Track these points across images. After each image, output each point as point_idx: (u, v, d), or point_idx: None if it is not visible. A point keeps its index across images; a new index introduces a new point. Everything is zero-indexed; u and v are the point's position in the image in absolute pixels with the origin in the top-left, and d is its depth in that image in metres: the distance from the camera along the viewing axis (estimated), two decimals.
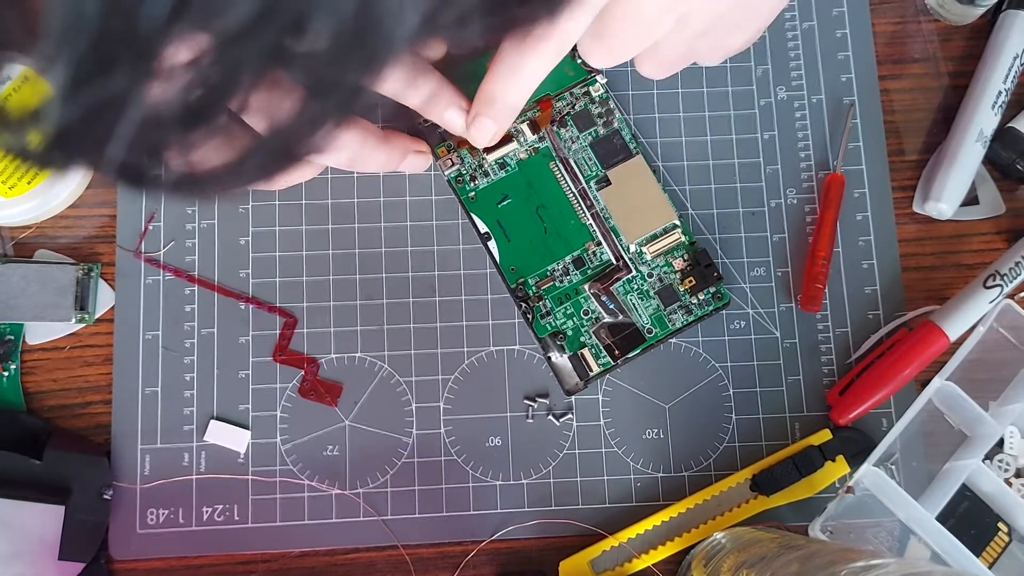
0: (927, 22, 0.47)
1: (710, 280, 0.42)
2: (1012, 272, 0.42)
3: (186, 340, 0.43)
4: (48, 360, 0.43)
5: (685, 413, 0.43)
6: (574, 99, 0.44)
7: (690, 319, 0.42)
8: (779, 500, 0.41)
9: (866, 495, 0.39)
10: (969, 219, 0.45)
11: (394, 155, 0.39)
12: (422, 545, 0.41)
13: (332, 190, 0.44)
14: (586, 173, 0.44)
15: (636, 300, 0.43)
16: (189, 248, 0.43)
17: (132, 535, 0.41)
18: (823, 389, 0.43)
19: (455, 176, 0.43)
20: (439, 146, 0.43)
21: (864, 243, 0.45)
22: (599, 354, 0.42)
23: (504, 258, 0.43)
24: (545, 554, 0.41)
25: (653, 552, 0.41)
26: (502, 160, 0.43)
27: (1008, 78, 0.44)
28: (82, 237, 0.44)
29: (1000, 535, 0.40)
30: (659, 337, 0.42)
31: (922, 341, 0.42)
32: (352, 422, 0.42)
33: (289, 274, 0.43)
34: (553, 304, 0.42)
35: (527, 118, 0.43)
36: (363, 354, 0.43)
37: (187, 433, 0.42)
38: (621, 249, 0.43)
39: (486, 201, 0.43)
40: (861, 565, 0.28)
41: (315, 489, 0.42)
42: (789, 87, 0.46)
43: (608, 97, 0.44)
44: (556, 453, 0.42)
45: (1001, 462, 0.41)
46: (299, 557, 0.41)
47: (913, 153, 0.46)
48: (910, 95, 0.47)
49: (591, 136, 0.44)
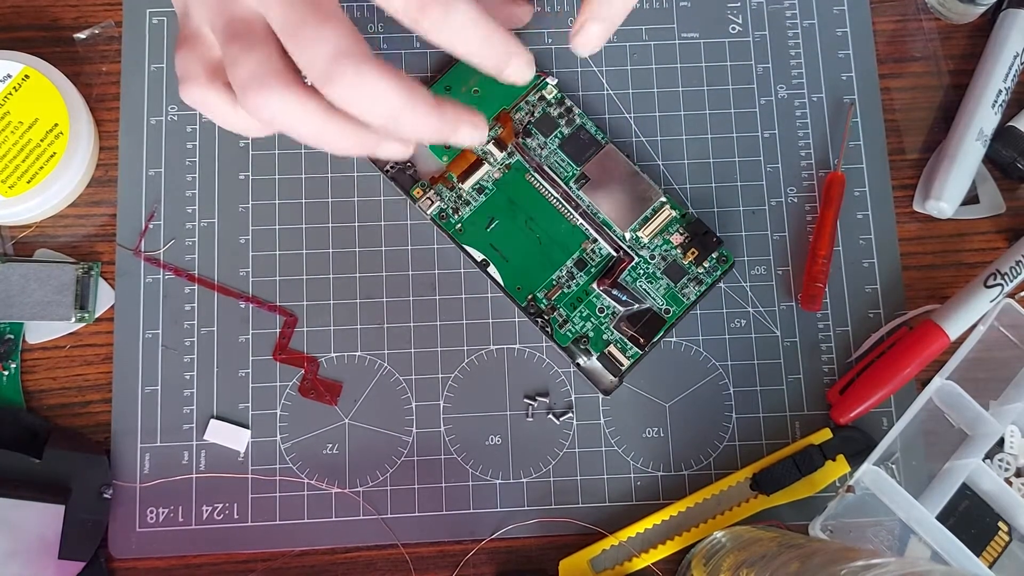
0: (928, 20, 0.47)
1: (711, 246, 0.43)
2: (1012, 271, 0.41)
3: (186, 339, 0.43)
4: (48, 359, 0.43)
5: (685, 412, 0.43)
6: (531, 107, 0.44)
7: (702, 288, 0.43)
8: (779, 499, 0.41)
9: (866, 494, 0.39)
10: (969, 218, 0.45)
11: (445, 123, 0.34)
12: (422, 544, 0.41)
13: (332, 189, 0.44)
14: (563, 175, 0.44)
15: (646, 285, 0.43)
16: (189, 247, 0.43)
17: (132, 534, 0.41)
18: (823, 388, 0.43)
19: (437, 213, 0.43)
20: (413, 187, 0.43)
21: (864, 242, 0.45)
22: (625, 347, 0.42)
23: (507, 279, 0.42)
24: (545, 553, 0.41)
25: (653, 551, 0.41)
26: (478, 185, 0.43)
27: (1008, 77, 0.44)
28: (82, 236, 0.44)
29: (1000, 534, 0.40)
30: (678, 314, 0.42)
31: (922, 340, 0.42)
32: (352, 421, 0.42)
33: (289, 273, 0.43)
34: (568, 311, 0.42)
35: (491, 137, 0.43)
36: (363, 353, 0.43)
37: (187, 432, 0.42)
38: (618, 240, 0.43)
39: (474, 229, 0.43)
40: (861, 564, 0.28)
41: (315, 488, 0.42)
42: (790, 85, 0.46)
43: (563, 96, 0.44)
44: (556, 452, 0.42)
45: (1001, 461, 0.41)
46: (299, 556, 0.41)
47: (914, 152, 0.46)
48: (910, 94, 0.46)
49: (558, 138, 0.44)
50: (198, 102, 0.34)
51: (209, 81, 0.33)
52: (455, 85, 0.44)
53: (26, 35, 0.45)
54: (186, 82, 0.34)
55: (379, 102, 0.31)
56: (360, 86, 0.31)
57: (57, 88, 0.42)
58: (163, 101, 0.45)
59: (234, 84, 0.32)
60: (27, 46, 0.44)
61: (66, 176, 0.42)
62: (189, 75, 0.34)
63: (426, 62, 0.46)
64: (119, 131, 0.44)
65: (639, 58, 0.46)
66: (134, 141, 0.44)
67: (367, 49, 0.31)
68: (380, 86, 0.31)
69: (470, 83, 0.44)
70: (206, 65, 0.33)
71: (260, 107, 0.32)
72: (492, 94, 0.44)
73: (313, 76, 0.31)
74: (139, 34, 0.45)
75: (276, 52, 0.32)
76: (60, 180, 0.41)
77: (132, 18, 0.46)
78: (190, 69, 0.34)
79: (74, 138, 0.41)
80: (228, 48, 0.32)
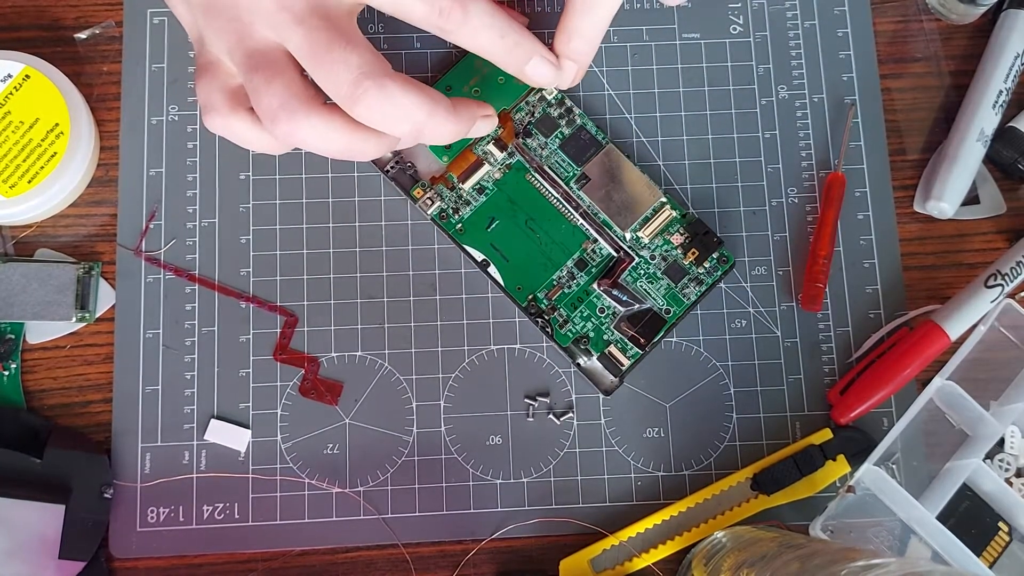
0: (928, 21, 0.47)
1: (711, 247, 0.43)
2: (1013, 271, 0.41)
3: (187, 339, 0.43)
4: (49, 359, 0.43)
5: (686, 412, 0.43)
6: (531, 107, 0.44)
7: (703, 289, 0.42)
8: (780, 499, 0.41)
9: (867, 494, 0.39)
10: (970, 218, 0.45)
11: (462, 124, 0.36)
12: (422, 544, 0.41)
13: (333, 189, 0.44)
14: (564, 175, 0.44)
15: (647, 285, 0.43)
16: (190, 247, 0.43)
17: (132, 534, 0.41)
18: (824, 388, 0.43)
19: (438, 213, 0.43)
20: (413, 188, 0.43)
21: (865, 242, 0.45)
22: (626, 347, 0.42)
23: (508, 280, 0.42)
24: (545, 553, 0.41)
25: (653, 551, 0.41)
26: (479, 185, 0.43)
27: (1009, 77, 0.44)
28: (82, 236, 0.44)
29: (1001, 535, 0.40)
30: (679, 314, 0.42)
31: (923, 340, 0.42)
32: (352, 420, 0.42)
33: (290, 273, 0.43)
34: (568, 311, 0.42)
35: (491, 138, 0.43)
36: (363, 353, 0.43)
37: (187, 432, 0.42)
38: (618, 240, 0.43)
39: (475, 229, 0.43)
40: (861, 564, 0.28)
41: (315, 488, 0.42)
42: (790, 86, 0.46)
43: (563, 97, 0.44)
44: (556, 452, 0.42)
45: (1002, 461, 0.41)
46: (299, 556, 0.41)
47: (914, 152, 0.46)
48: (911, 94, 0.46)
49: (558, 138, 0.44)
50: (222, 130, 0.35)
51: (231, 111, 0.34)
52: (456, 85, 0.44)
53: (27, 35, 0.45)
54: (209, 112, 0.35)
55: (403, 118, 0.33)
56: (384, 106, 0.32)
57: (58, 88, 0.42)
58: (164, 101, 0.45)
59: (260, 114, 0.33)
60: (28, 46, 0.44)
61: (67, 176, 0.42)
62: (211, 105, 0.34)
63: (426, 62, 0.46)
64: (120, 131, 0.44)
65: (640, 58, 0.46)
66: (135, 141, 0.44)
67: (387, 67, 0.32)
68: (403, 103, 0.32)
69: (471, 83, 0.44)
70: (226, 93, 0.34)
71: (290, 134, 0.33)
72: (492, 94, 0.44)
73: (339, 100, 0.32)
74: (140, 34, 0.45)
75: (297, 78, 0.33)
76: (61, 180, 0.41)
77: (133, 18, 0.46)
78: (211, 100, 0.34)
79: (75, 138, 0.41)
80: (250, 78, 0.32)
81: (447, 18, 0.32)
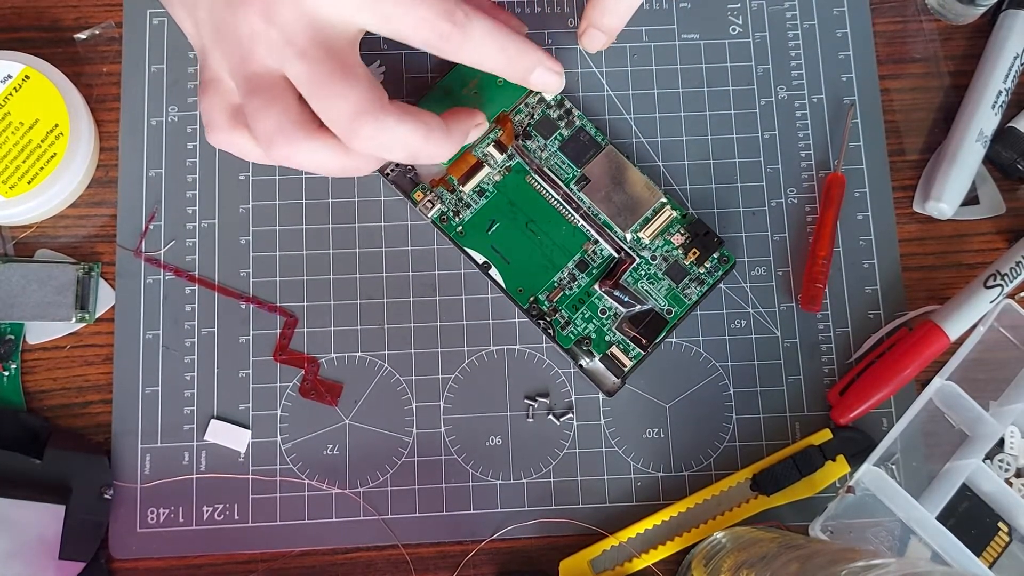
0: (927, 22, 0.47)
1: (712, 247, 0.43)
2: (1012, 272, 0.42)
3: (186, 339, 0.43)
4: (48, 359, 0.43)
5: (685, 413, 0.43)
6: (531, 109, 0.44)
7: (704, 289, 0.43)
8: (779, 500, 0.41)
9: (866, 495, 0.39)
10: (969, 219, 0.45)
11: (456, 143, 0.37)
12: (422, 544, 0.41)
13: (333, 190, 0.44)
14: (564, 177, 0.44)
15: (648, 286, 0.43)
16: (190, 247, 0.43)
17: (132, 534, 0.41)
18: (823, 389, 0.43)
19: (438, 216, 0.43)
20: (414, 191, 0.43)
21: (864, 243, 0.45)
22: (628, 348, 0.42)
23: (509, 282, 0.42)
24: (545, 554, 0.41)
25: (653, 552, 0.41)
26: (479, 187, 0.43)
27: (1008, 78, 0.44)
28: (82, 237, 0.44)
29: (1000, 535, 0.40)
30: (680, 315, 0.42)
31: (922, 341, 0.42)
32: (352, 421, 0.42)
33: (289, 273, 0.43)
34: (569, 313, 0.42)
35: (491, 140, 0.43)
36: (363, 353, 0.43)
37: (187, 432, 0.42)
38: (619, 241, 0.43)
39: (475, 232, 0.43)
40: (861, 565, 0.28)
41: (315, 488, 0.42)
42: (790, 87, 0.46)
43: (562, 98, 0.44)
44: (556, 452, 0.42)
45: (1002, 462, 0.41)
46: (299, 556, 0.41)
47: (913, 153, 0.46)
48: (910, 95, 0.46)
49: (558, 140, 0.44)
50: (224, 145, 0.36)
51: (232, 127, 0.35)
52: (455, 87, 0.44)
53: (26, 35, 0.45)
54: (211, 128, 0.35)
55: (399, 147, 0.34)
56: (381, 137, 0.33)
57: (58, 89, 0.42)
58: (163, 102, 0.45)
59: (256, 137, 0.34)
60: (27, 46, 0.44)
61: (66, 177, 0.42)
62: (213, 122, 0.35)
63: (426, 62, 0.46)
64: (119, 132, 0.44)
65: (639, 59, 0.46)
66: (134, 142, 0.44)
67: (384, 100, 0.33)
68: (399, 132, 0.33)
69: (470, 85, 0.44)
70: (228, 110, 0.35)
71: (286, 158, 0.34)
72: (491, 96, 0.44)
73: (337, 132, 0.33)
74: (139, 35, 0.45)
75: (294, 104, 0.33)
76: (60, 181, 0.41)
77: (132, 19, 0.46)
78: (213, 116, 0.35)
79: (74, 139, 0.41)
80: (248, 101, 0.33)
81: (448, 40, 0.33)
